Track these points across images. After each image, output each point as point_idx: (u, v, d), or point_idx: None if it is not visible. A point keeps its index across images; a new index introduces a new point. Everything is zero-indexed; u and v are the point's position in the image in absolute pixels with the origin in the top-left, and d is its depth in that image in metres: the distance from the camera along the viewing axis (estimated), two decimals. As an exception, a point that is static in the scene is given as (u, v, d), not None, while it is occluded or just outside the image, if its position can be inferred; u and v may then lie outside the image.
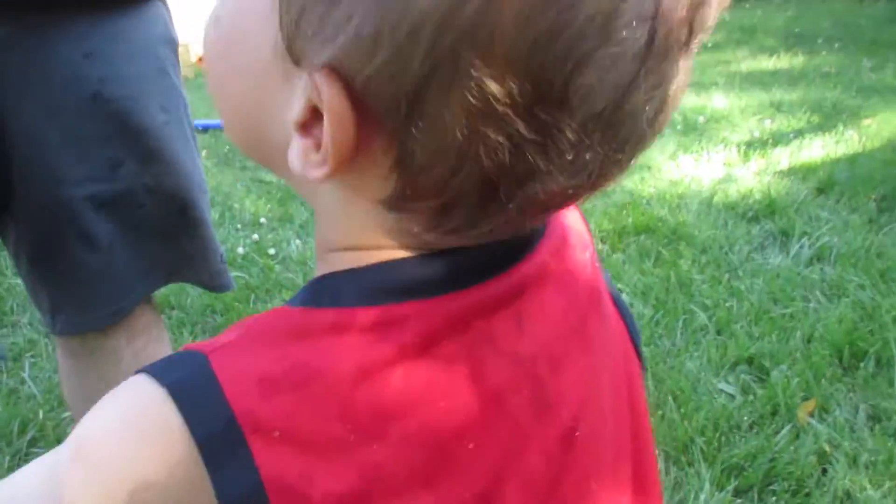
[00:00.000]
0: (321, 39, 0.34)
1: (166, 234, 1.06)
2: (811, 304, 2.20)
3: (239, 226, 2.98)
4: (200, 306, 2.34)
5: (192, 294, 2.39)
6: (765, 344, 2.00)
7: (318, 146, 0.36)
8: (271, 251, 2.70)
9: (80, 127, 0.96)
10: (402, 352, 0.38)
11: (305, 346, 0.38)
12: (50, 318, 1.06)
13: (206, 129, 4.39)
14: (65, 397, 1.21)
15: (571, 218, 0.49)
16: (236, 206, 3.19)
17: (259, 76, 0.39)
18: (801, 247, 2.52)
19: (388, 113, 0.34)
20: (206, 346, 0.38)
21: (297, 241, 2.78)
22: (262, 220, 3.01)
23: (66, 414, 1.82)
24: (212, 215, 0.96)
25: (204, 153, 3.92)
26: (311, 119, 0.37)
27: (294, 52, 0.36)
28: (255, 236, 2.83)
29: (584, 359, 0.44)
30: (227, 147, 4.09)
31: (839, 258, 2.43)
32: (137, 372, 0.38)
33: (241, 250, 2.70)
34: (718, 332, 2.08)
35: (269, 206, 3.18)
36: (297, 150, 0.37)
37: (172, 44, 1.06)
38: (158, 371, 0.37)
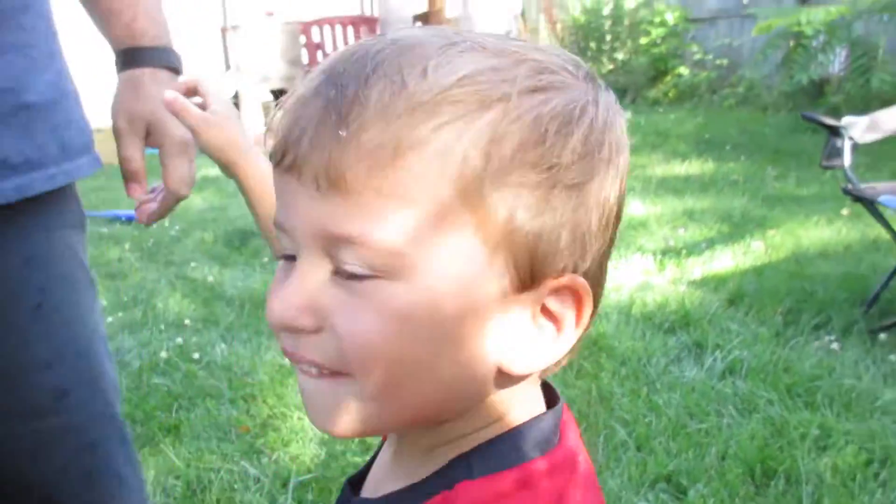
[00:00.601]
0: (587, 247, 0.43)
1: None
2: (725, 420, 2.29)
3: (162, 326, 2.93)
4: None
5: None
6: (682, 461, 2.07)
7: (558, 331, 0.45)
8: (195, 355, 2.66)
9: (23, 349, 0.86)
10: (576, 480, 0.48)
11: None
12: None
13: (130, 220, 4.34)
14: None
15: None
16: (160, 304, 3.15)
17: (477, 331, 0.42)
18: (715, 360, 2.64)
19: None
20: None
21: (223, 346, 2.75)
22: (187, 321, 2.97)
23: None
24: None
25: (127, 246, 3.87)
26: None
27: (538, 278, 0.42)
28: (179, 339, 2.79)
29: None
30: (152, 240, 4.05)
31: (750, 372, 2.55)
32: None
33: (163, 354, 2.66)
34: (638, 449, 2.15)
35: (193, 305, 3.15)
36: (540, 347, 0.44)
37: (82, 221, 0.97)
38: None
